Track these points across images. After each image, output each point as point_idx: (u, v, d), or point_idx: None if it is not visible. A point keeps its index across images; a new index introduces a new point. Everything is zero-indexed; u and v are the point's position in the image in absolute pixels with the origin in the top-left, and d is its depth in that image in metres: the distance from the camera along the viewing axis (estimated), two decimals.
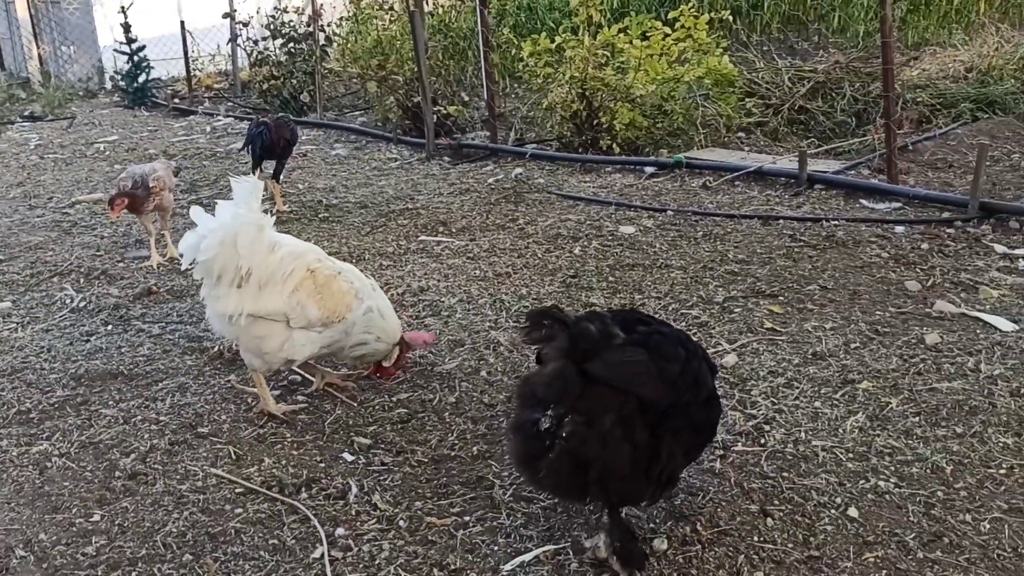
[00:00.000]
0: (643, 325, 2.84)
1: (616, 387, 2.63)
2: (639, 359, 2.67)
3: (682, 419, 2.72)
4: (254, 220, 3.62)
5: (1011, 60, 8.91)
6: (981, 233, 5.59)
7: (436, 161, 8.80)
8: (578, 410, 2.64)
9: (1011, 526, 2.86)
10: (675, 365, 2.72)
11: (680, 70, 8.58)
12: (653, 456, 2.68)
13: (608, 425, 2.61)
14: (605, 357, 2.63)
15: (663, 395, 2.67)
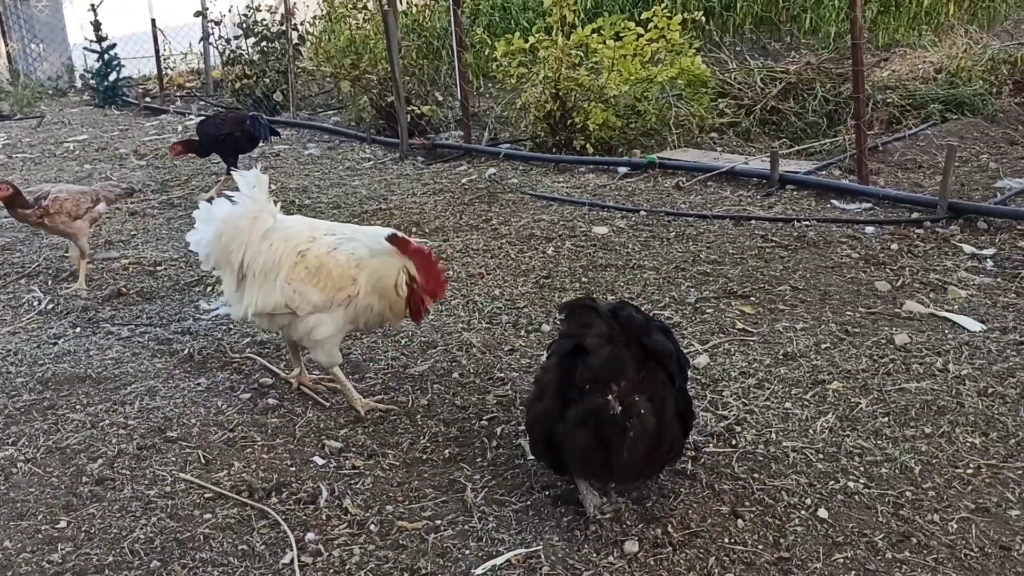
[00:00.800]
0: (641, 315, 3.04)
1: (663, 366, 2.87)
2: (668, 341, 2.94)
3: (684, 399, 3.00)
4: (247, 211, 3.59)
5: (979, 61, 9.01)
6: (950, 233, 5.65)
7: (410, 161, 8.77)
8: (642, 390, 2.81)
9: (978, 526, 2.89)
10: (678, 351, 3.01)
11: (653, 70, 8.60)
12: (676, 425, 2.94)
13: (664, 399, 2.84)
14: (654, 336, 2.88)
15: (678, 377, 2.94)
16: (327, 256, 3.57)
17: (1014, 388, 3.69)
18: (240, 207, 3.64)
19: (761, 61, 9.95)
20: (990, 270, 5.09)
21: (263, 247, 3.61)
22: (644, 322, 2.89)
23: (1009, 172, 6.83)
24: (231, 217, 3.63)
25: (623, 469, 2.87)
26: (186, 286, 5.41)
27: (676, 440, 2.95)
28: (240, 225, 3.61)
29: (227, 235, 3.61)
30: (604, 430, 2.77)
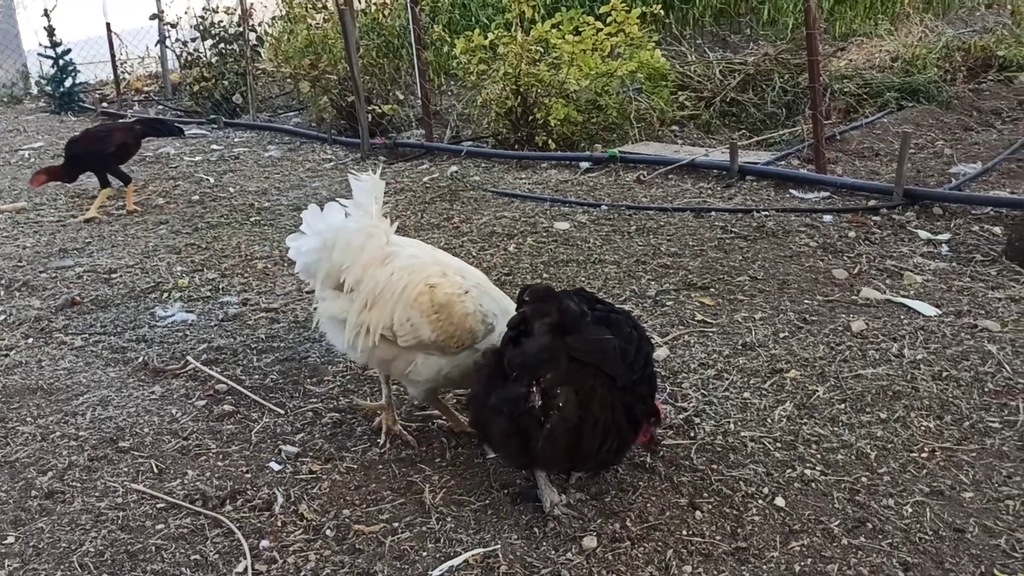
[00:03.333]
0: (599, 304, 3.02)
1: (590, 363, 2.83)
2: (608, 338, 2.86)
3: (632, 395, 2.92)
4: (363, 227, 3.30)
5: (934, 49, 9.12)
6: (906, 220, 5.70)
7: (371, 161, 8.71)
8: (568, 383, 2.78)
9: (932, 509, 2.91)
10: (632, 347, 2.91)
11: (613, 65, 8.61)
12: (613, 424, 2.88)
13: (593, 392, 2.80)
14: (583, 334, 2.83)
15: (621, 374, 2.87)
16: (456, 299, 3.23)
17: (967, 371, 3.73)
18: (354, 221, 3.33)
19: (720, 53, 10.00)
20: (945, 255, 5.14)
21: (380, 274, 3.27)
22: (578, 315, 2.84)
23: (963, 158, 6.91)
24: (344, 232, 3.31)
25: (545, 460, 2.87)
26: (142, 293, 5.32)
27: (624, 437, 2.92)
28: (353, 242, 3.29)
29: (338, 252, 3.30)
30: (521, 420, 2.79)
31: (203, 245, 6.20)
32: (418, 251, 3.44)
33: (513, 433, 2.83)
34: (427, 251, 3.48)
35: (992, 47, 9.16)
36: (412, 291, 3.23)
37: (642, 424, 3.04)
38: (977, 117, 7.98)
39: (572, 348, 2.78)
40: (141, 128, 7.77)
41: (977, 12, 12.21)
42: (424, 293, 3.22)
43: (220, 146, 10.00)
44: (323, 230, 3.37)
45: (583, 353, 2.79)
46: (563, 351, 2.78)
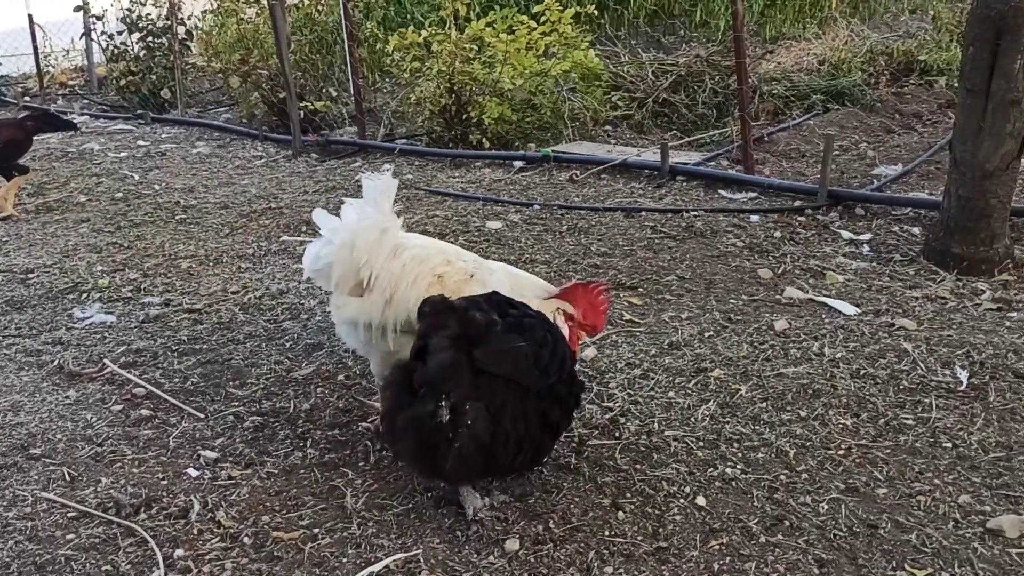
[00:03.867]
0: (511, 308, 2.95)
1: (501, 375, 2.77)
2: (517, 346, 2.80)
3: (549, 399, 2.87)
4: (377, 223, 3.30)
5: (858, 53, 9.33)
6: (829, 220, 5.83)
7: (303, 158, 8.59)
8: (478, 398, 2.72)
9: (847, 505, 2.97)
10: (546, 351, 2.86)
11: (547, 64, 8.64)
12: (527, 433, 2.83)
13: (504, 406, 2.74)
14: (491, 345, 2.76)
15: (537, 380, 2.82)
16: (464, 284, 3.28)
17: (884, 369, 3.82)
18: (369, 218, 3.32)
19: (653, 54, 10.10)
20: (866, 255, 5.26)
21: (393, 265, 3.28)
22: (484, 326, 2.77)
23: (885, 159, 7.09)
24: (361, 230, 3.28)
25: (454, 475, 2.84)
26: (59, 294, 5.15)
27: (539, 445, 2.90)
28: (370, 238, 3.27)
29: (358, 249, 3.26)
30: (429, 438, 2.72)
31: (125, 244, 6.04)
32: (423, 242, 3.52)
33: (423, 451, 2.77)
34: (431, 242, 3.56)
35: (914, 51, 9.41)
36: (423, 282, 3.28)
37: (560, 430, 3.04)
38: (899, 120, 8.19)
39: (480, 361, 2.72)
40: (32, 124, 7.44)
41: (901, 17, 12.54)
42: (434, 284, 3.28)
43: (147, 142, 9.76)
44: (340, 231, 3.35)
45: (492, 365, 2.73)
46: (468, 365, 2.70)
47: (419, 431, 2.74)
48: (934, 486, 3.05)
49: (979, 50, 4.70)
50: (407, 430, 2.78)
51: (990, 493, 2.99)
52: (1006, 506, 2.92)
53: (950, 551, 2.73)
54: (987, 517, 2.87)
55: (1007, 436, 3.30)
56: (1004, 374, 3.71)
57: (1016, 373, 3.72)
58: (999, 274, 4.82)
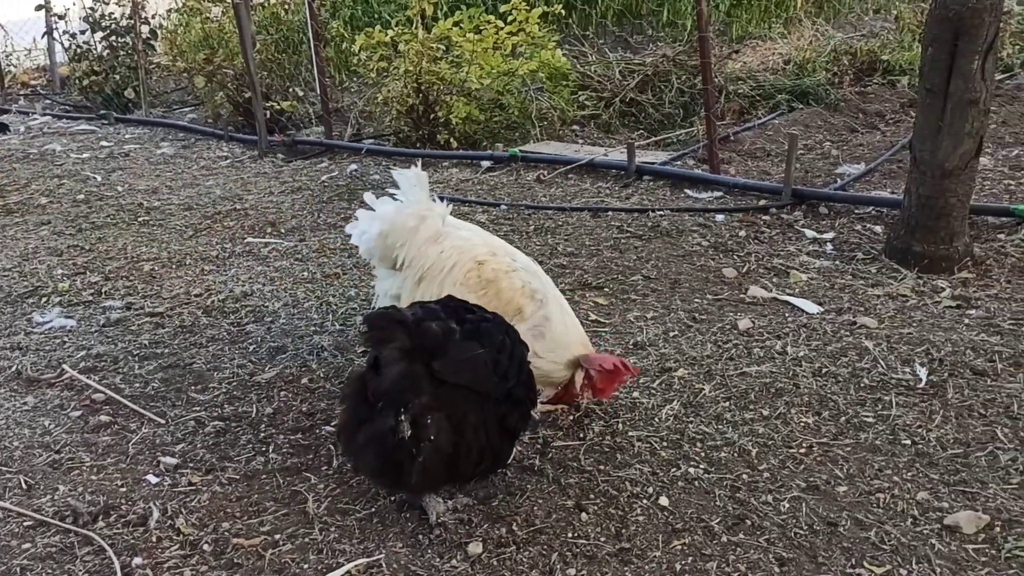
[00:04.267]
0: (469, 313, 2.92)
1: (462, 384, 2.74)
2: (475, 354, 2.77)
3: (508, 403, 2.87)
4: (414, 211, 3.51)
5: (823, 53, 9.41)
6: (794, 219, 5.87)
7: (269, 159, 8.52)
8: (439, 409, 2.69)
9: (808, 504, 2.99)
10: (504, 356, 2.85)
11: (514, 64, 8.64)
12: (488, 441, 2.83)
13: (466, 416, 2.73)
14: (450, 355, 2.71)
15: (495, 387, 2.81)
16: (504, 275, 3.38)
17: (846, 367, 3.85)
18: (407, 206, 3.56)
19: (620, 54, 10.12)
20: (829, 253, 5.31)
21: (431, 250, 3.47)
22: (442, 336, 2.74)
23: (848, 158, 7.15)
24: (398, 216, 3.53)
25: (418, 488, 2.82)
26: (19, 298, 5.07)
27: (498, 452, 2.89)
28: (407, 224, 3.50)
29: (392, 235, 3.51)
30: (392, 454, 2.69)
31: (87, 247, 5.96)
32: (470, 233, 3.61)
33: (386, 467, 2.73)
34: (480, 234, 3.64)
35: (877, 51, 9.51)
36: (461, 268, 3.38)
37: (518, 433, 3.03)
38: (862, 119, 8.27)
39: (440, 372, 2.68)
40: None
41: (865, 17, 12.66)
42: (472, 270, 3.36)
43: (110, 143, 9.64)
44: (378, 218, 3.57)
45: (452, 375, 2.70)
46: (427, 376, 2.67)
47: (381, 447, 2.70)
48: (893, 483, 3.08)
49: (938, 51, 4.76)
50: (367, 446, 2.74)
51: (948, 490, 3.03)
52: (963, 502, 2.96)
53: (908, 548, 2.75)
54: (945, 514, 2.90)
55: (965, 433, 3.34)
56: (962, 371, 3.76)
57: (974, 370, 3.77)
58: (959, 272, 4.88)
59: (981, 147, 4.89)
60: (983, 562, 2.68)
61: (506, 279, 3.36)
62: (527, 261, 3.57)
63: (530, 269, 3.50)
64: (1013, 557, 2.69)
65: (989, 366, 3.79)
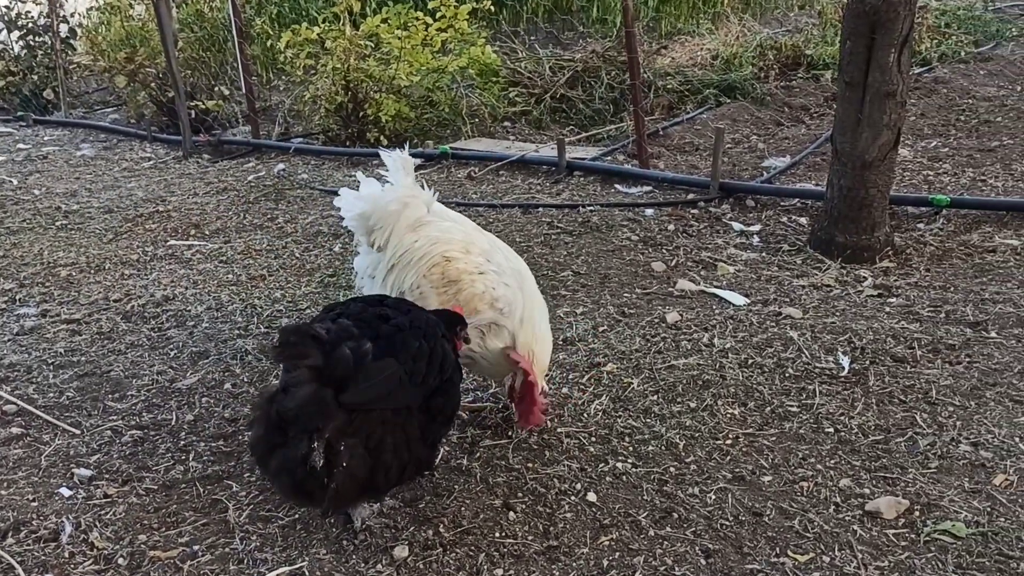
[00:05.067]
0: (384, 321, 2.77)
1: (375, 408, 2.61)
2: (390, 372, 2.62)
3: (433, 404, 2.77)
4: (398, 196, 3.41)
5: (749, 48, 9.54)
6: (721, 212, 5.93)
7: (194, 159, 8.32)
8: (352, 434, 2.57)
9: (734, 494, 3.01)
10: (421, 363, 2.72)
11: (444, 60, 8.58)
12: (410, 455, 2.72)
13: (383, 439, 2.62)
14: (358, 386, 2.55)
15: (415, 397, 2.71)
16: (467, 276, 3.29)
17: (771, 358, 3.89)
18: (391, 191, 3.47)
19: (550, 50, 10.13)
20: (756, 245, 5.37)
21: (407, 238, 3.39)
22: (354, 364, 2.54)
23: (774, 152, 7.26)
24: (380, 200, 3.44)
25: (332, 508, 2.71)
26: None
27: (421, 460, 2.80)
28: (389, 209, 3.40)
29: (373, 217, 3.42)
30: (305, 482, 2.55)
31: (0, 253, 5.73)
32: (452, 225, 3.49)
33: (299, 491, 2.61)
34: (464, 227, 3.51)
35: (801, 46, 9.67)
36: (428, 261, 3.31)
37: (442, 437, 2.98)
38: (788, 113, 8.39)
39: (350, 404, 2.53)
40: None
41: (791, 13, 12.90)
42: (438, 265, 3.29)
43: (27, 145, 9.31)
44: (363, 198, 3.49)
45: (365, 403, 2.57)
46: (334, 401, 2.52)
47: (292, 474, 2.56)
48: (816, 471, 3.11)
49: (855, 44, 4.84)
50: (280, 472, 2.59)
51: (869, 476, 3.08)
52: (884, 488, 3.00)
53: (831, 535, 2.79)
54: (866, 500, 2.94)
55: (885, 419, 3.40)
56: (883, 359, 3.83)
57: (894, 357, 3.84)
58: (880, 261, 4.98)
59: (899, 139, 4.99)
60: (903, 546, 2.72)
61: (468, 281, 3.27)
62: (508, 261, 3.42)
63: (504, 272, 3.35)
64: (932, 540, 2.74)
65: (908, 353, 3.87)
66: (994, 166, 6.46)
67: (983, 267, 4.78)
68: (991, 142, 7.06)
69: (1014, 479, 3.00)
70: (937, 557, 2.66)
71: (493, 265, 3.36)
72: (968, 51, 9.79)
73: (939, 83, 8.73)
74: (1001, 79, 8.87)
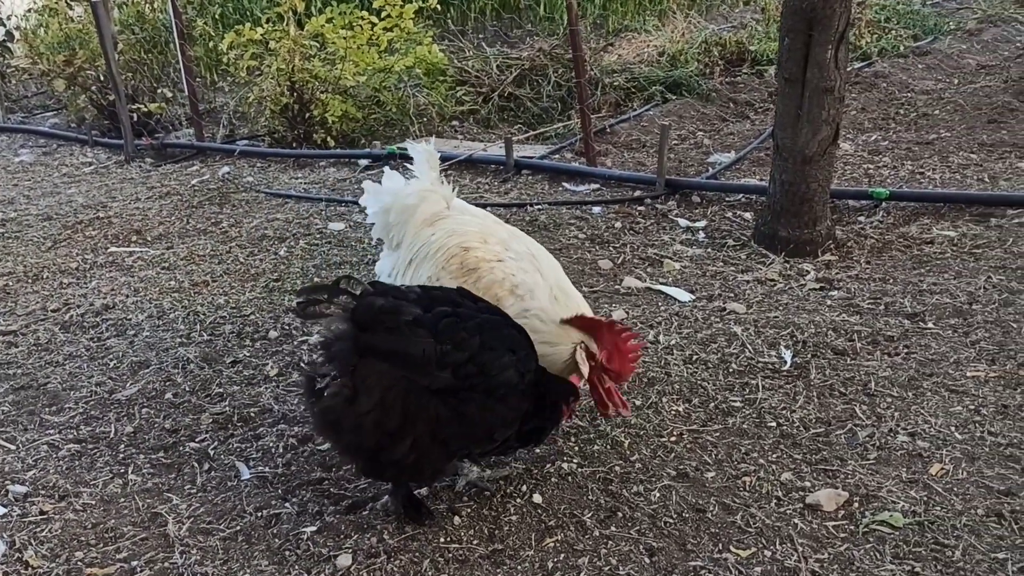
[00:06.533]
0: (449, 306, 2.79)
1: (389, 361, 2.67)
2: (416, 339, 2.67)
3: (468, 404, 2.72)
4: (416, 190, 3.44)
5: (694, 44, 9.61)
6: (667, 209, 5.97)
7: (137, 163, 8.15)
8: (364, 377, 2.66)
9: (678, 492, 3.03)
10: (461, 353, 2.70)
11: (390, 60, 8.52)
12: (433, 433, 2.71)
13: (393, 401, 2.65)
14: (375, 333, 2.67)
15: (438, 381, 2.68)
16: (486, 263, 3.21)
17: (715, 353, 3.92)
18: (411, 184, 3.50)
19: (498, 48, 10.12)
20: (701, 241, 5.41)
21: (424, 232, 3.38)
22: (374, 312, 2.72)
23: (719, 147, 7.32)
24: (400, 193, 3.48)
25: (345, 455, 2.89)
26: None
27: (429, 457, 2.80)
28: (407, 202, 3.44)
29: (393, 212, 3.47)
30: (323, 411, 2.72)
31: None
32: (470, 218, 3.47)
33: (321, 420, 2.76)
34: (481, 220, 3.49)
35: (745, 42, 9.77)
36: (446, 253, 3.28)
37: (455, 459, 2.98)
38: (733, 108, 8.48)
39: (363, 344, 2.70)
40: None
41: (736, 9, 13.02)
42: (456, 256, 3.25)
43: None
44: (384, 192, 3.52)
45: (374, 350, 2.72)
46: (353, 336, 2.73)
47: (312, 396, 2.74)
48: (759, 466, 3.15)
49: (793, 41, 4.90)
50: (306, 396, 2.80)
51: (810, 469, 3.12)
52: (824, 480, 3.05)
53: (772, 529, 2.82)
54: (807, 493, 2.98)
55: (826, 412, 3.45)
56: (824, 352, 3.88)
57: (835, 350, 3.90)
58: (822, 254, 5.05)
59: (838, 133, 5.07)
60: (842, 538, 2.76)
61: (487, 268, 3.20)
62: (528, 249, 3.32)
63: (522, 257, 3.26)
64: (870, 531, 2.78)
65: (849, 345, 3.93)
66: (932, 159, 6.59)
67: (921, 258, 4.88)
68: (929, 135, 7.20)
69: (949, 468, 3.06)
70: (875, 548, 2.71)
71: (511, 253, 3.28)
72: (907, 46, 9.97)
73: (879, 78, 8.88)
74: (939, 73, 9.05)
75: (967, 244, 4.98)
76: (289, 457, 3.33)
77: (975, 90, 8.30)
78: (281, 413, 3.64)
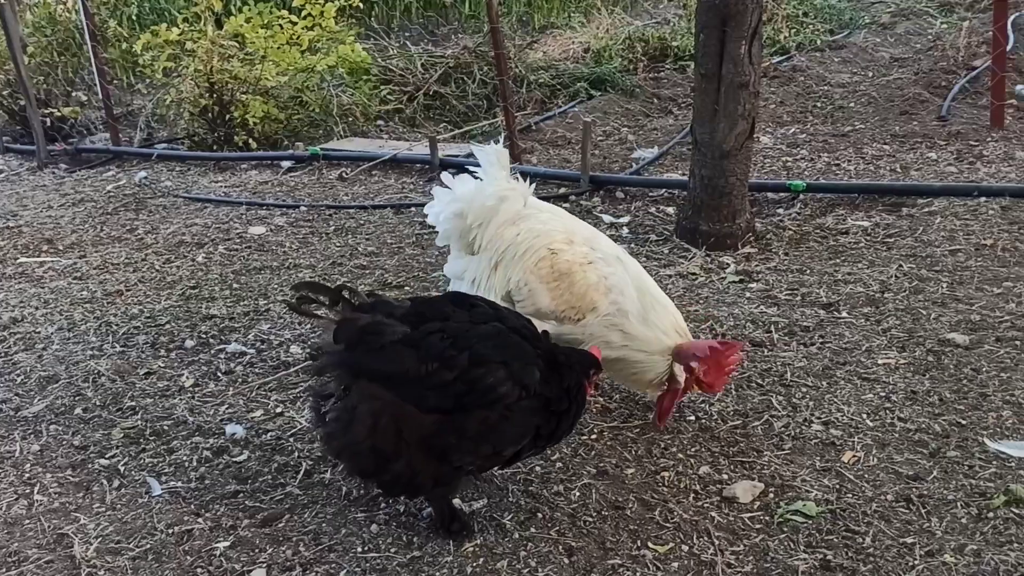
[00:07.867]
0: (439, 319, 2.72)
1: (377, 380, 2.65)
2: (400, 359, 2.63)
3: (467, 424, 2.65)
4: (494, 191, 3.30)
5: (618, 40, 9.68)
6: (592, 205, 5.99)
7: (50, 170, 7.91)
8: (356, 393, 2.66)
9: (597, 489, 3.02)
10: (448, 372, 2.63)
11: (312, 59, 8.41)
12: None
13: (380, 417, 2.63)
14: (354, 352, 2.65)
15: (428, 399, 2.63)
16: (579, 267, 3.19)
17: None
18: (487, 186, 3.34)
19: (423, 46, 10.06)
20: (626, 237, 5.44)
21: (508, 233, 3.29)
22: (355, 333, 2.70)
23: (643, 143, 7.38)
24: (477, 196, 3.33)
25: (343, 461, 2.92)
26: None
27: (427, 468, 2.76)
28: (486, 204, 3.31)
29: (471, 215, 3.32)
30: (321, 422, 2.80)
31: None
32: (550, 216, 3.41)
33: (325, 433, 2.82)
34: (561, 218, 3.44)
35: (668, 38, 9.87)
36: (534, 255, 3.22)
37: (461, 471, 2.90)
38: (657, 104, 8.56)
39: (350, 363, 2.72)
40: None
41: (660, 5, 13.15)
42: (545, 258, 3.21)
43: None
44: (458, 195, 3.38)
45: (358, 369, 2.71)
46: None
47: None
48: (677, 460, 3.17)
49: (708, 36, 4.95)
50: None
51: (728, 461, 3.15)
52: (741, 472, 3.08)
53: (690, 523, 2.83)
54: (724, 485, 3.01)
55: (743, 404, 3.49)
56: (742, 344, 3.93)
57: (753, 342, 3.95)
58: (742, 247, 5.12)
59: (755, 127, 5.14)
60: (758, 529, 2.80)
61: (580, 272, 3.19)
62: (609, 248, 3.36)
63: (609, 257, 3.29)
64: (785, 521, 2.82)
65: (766, 337, 3.99)
66: (847, 150, 6.74)
67: (837, 249, 4.98)
68: (844, 127, 7.36)
69: (861, 455, 3.12)
70: (789, 538, 2.74)
71: (599, 253, 3.28)
72: (824, 39, 10.18)
73: (797, 71, 9.05)
74: (854, 66, 9.26)
75: (880, 234, 5.10)
76: (203, 470, 3.25)
77: (888, 82, 8.52)
78: (196, 425, 3.55)
